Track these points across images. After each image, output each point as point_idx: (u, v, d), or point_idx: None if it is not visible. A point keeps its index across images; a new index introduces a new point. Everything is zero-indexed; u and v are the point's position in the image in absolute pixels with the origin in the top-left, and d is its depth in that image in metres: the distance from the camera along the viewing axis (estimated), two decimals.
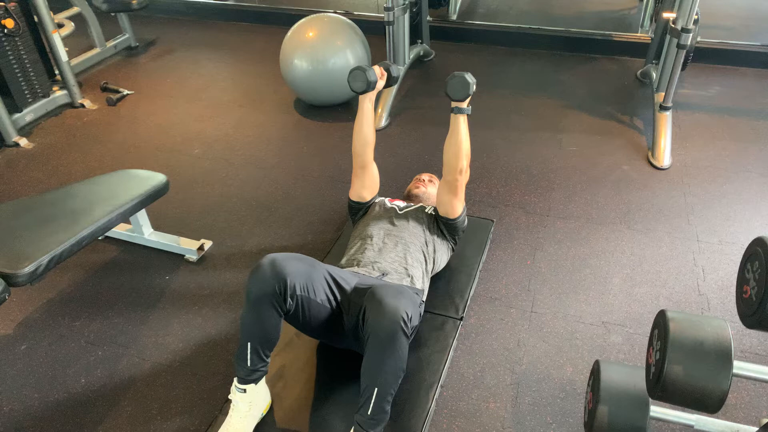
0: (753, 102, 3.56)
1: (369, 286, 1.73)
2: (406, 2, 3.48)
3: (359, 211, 2.21)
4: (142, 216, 2.43)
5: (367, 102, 2.09)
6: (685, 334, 1.24)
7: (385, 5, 3.26)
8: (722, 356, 1.20)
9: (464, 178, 2.01)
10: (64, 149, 3.27)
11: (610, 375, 1.50)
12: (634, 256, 2.41)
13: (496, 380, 1.92)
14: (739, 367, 1.23)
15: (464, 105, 1.98)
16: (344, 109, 3.55)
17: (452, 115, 1.99)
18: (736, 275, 1.39)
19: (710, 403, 1.21)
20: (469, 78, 1.93)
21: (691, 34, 2.85)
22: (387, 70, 2.14)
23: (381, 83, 2.12)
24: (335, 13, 4.03)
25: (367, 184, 2.17)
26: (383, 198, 2.24)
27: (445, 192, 2.04)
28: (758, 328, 1.26)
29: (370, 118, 2.10)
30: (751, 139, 3.18)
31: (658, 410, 1.44)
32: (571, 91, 3.73)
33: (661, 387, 1.23)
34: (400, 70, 2.06)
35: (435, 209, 2.17)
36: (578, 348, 2.02)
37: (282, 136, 3.35)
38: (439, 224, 2.11)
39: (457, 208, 2.05)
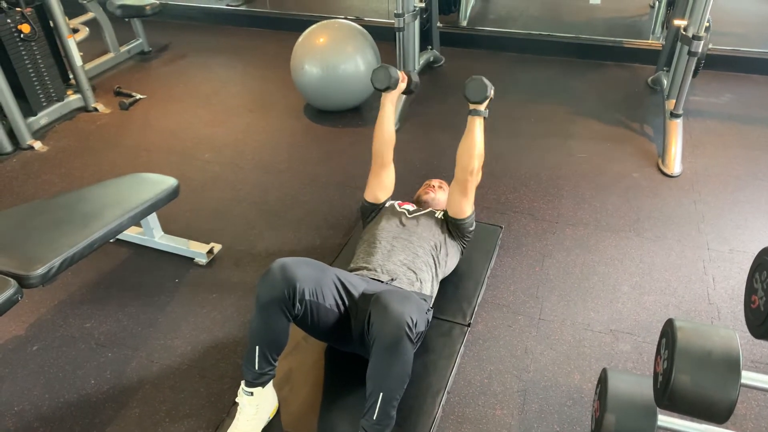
0: (765, 110, 3.54)
1: (376, 292, 1.73)
2: (417, 8, 3.50)
3: (372, 212, 2.22)
4: (152, 219, 2.45)
5: (388, 102, 2.15)
6: (693, 344, 1.23)
7: (395, 11, 3.28)
8: (730, 366, 1.19)
9: (475, 179, 2.04)
10: (77, 153, 3.31)
11: (617, 383, 1.49)
12: (643, 264, 2.39)
13: (503, 387, 1.91)
14: (748, 377, 1.21)
15: (481, 108, 2.04)
16: (354, 115, 3.57)
17: (469, 117, 2.05)
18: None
19: (718, 413, 1.20)
20: (487, 81, 1.99)
21: (702, 42, 2.84)
22: (408, 75, 2.19)
23: (402, 85, 2.18)
24: (346, 19, 4.05)
25: (384, 185, 2.20)
26: (393, 201, 2.25)
27: (456, 191, 2.06)
28: (767, 339, 1.25)
29: (390, 118, 2.16)
30: (763, 147, 3.15)
31: (665, 420, 1.43)
32: (581, 98, 3.72)
33: (668, 396, 1.22)
34: (419, 81, 2.21)
35: (444, 212, 2.18)
36: (586, 356, 2.01)
37: (292, 141, 3.37)
38: (449, 225, 2.12)
39: (465, 209, 2.07)
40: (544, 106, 3.64)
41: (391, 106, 2.16)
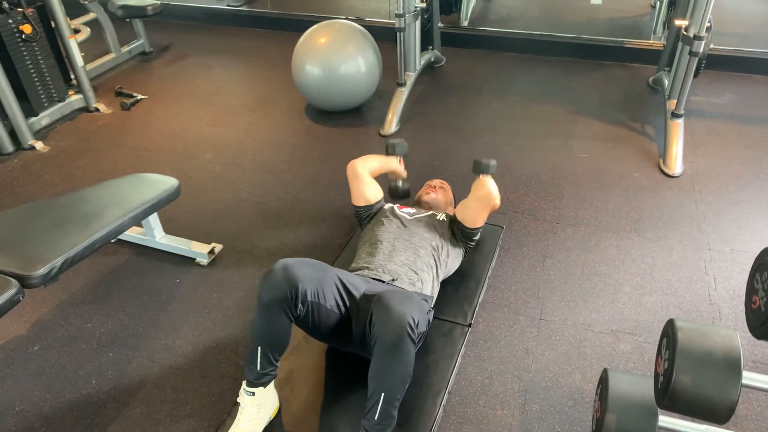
0: (767, 110, 3.53)
1: (377, 292, 1.73)
2: (418, 9, 3.50)
3: (367, 215, 2.22)
4: (154, 219, 2.45)
5: (394, 161, 2.37)
6: (694, 344, 1.23)
7: (396, 12, 3.28)
8: (731, 366, 1.19)
9: (497, 203, 2.14)
10: (78, 153, 3.32)
11: (618, 384, 1.49)
12: (644, 264, 2.39)
13: (504, 387, 1.91)
14: (749, 377, 1.21)
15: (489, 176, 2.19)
16: (355, 115, 3.57)
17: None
18: None
19: (719, 414, 1.20)
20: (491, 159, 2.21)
21: (703, 42, 2.84)
22: (407, 184, 2.44)
23: (402, 170, 2.41)
24: (347, 19, 4.06)
25: (367, 184, 2.22)
26: (392, 205, 2.26)
27: (475, 201, 2.09)
28: (767, 339, 1.25)
29: (383, 171, 2.35)
30: (764, 147, 3.15)
31: (666, 420, 1.43)
32: (581, 98, 3.72)
33: (669, 396, 1.22)
34: (409, 189, 2.47)
35: (447, 215, 2.18)
36: (587, 356, 2.01)
37: (293, 142, 3.37)
38: (454, 228, 2.12)
39: (480, 221, 2.11)
40: (545, 106, 3.64)
41: (389, 165, 2.36)
